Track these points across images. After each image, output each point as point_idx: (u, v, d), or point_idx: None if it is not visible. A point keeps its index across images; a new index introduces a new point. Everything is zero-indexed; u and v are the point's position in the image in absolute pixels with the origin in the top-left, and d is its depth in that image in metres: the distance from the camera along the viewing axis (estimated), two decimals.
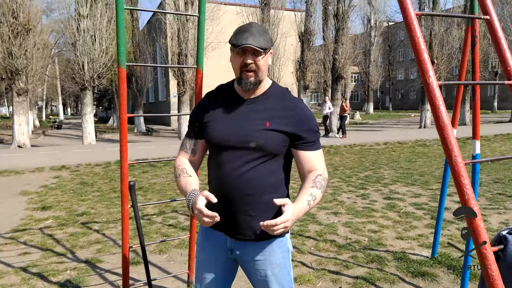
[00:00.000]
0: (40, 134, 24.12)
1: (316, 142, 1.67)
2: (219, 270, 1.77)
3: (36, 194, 7.11)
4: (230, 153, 1.62)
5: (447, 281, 3.32)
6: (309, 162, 1.65)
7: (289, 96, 1.69)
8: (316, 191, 1.59)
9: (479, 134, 2.87)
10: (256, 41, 1.54)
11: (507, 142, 13.58)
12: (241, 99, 1.68)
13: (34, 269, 3.73)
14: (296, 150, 1.65)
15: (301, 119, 1.64)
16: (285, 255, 1.73)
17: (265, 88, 1.68)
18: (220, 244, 1.73)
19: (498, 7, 25.15)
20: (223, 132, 1.64)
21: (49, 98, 54.89)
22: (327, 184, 1.66)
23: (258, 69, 1.58)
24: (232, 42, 1.57)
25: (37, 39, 16.17)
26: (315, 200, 1.58)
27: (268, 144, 1.59)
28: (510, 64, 1.61)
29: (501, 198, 5.96)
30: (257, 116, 1.63)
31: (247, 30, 1.56)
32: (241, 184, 1.60)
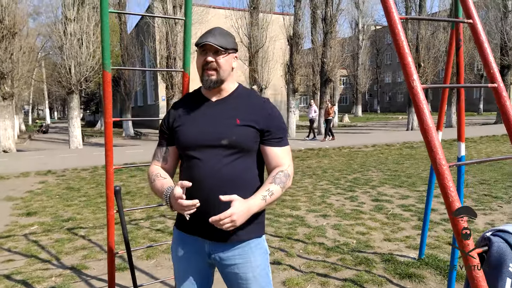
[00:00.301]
0: (26, 138, 23.77)
1: (283, 138, 1.70)
2: (198, 277, 1.76)
3: (21, 199, 7.00)
4: (203, 153, 1.64)
5: (434, 282, 3.34)
6: (275, 158, 1.68)
7: (256, 96, 1.76)
8: (274, 186, 1.61)
9: (464, 136, 2.91)
10: (216, 40, 1.61)
11: (492, 143, 13.78)
12: (208, 101, 1.72)
13: (18, 276, 3.66)
14: (263, 146, 1.69)
15: (269, 115, 1.68)
16: (263, 256, 1.74)
17: (231, 89, 1.73)
18: (197, 250, 1.72)
19: (483, 10, 25.60)
20: (194, 134, 1.66)
21: (36, 102, 54.20)
22: (290, 180, 1.68)
23: (219, 67, 1.63)
24: (195, 43, 1.65)
25: (23, 42, 15.98)
26: (272, 195, 1.60)
27: (240, 139, 1.63)
28: (493, 67, 1.63)
29: (487, 199, 6.04)
30: (227, 114, 1.67)
31: (210, 32, 1.65)
32: (217, 182, 1.61)
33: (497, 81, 1.60)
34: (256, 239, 1.72)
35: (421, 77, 19.66)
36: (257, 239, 1.73)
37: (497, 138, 15.25)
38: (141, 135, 23.87)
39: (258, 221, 1.71)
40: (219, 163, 1.62)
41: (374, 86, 54.02)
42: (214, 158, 1.62)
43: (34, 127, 34.22)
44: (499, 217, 5.13)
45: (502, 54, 21.94)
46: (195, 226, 1.68)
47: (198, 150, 1.65)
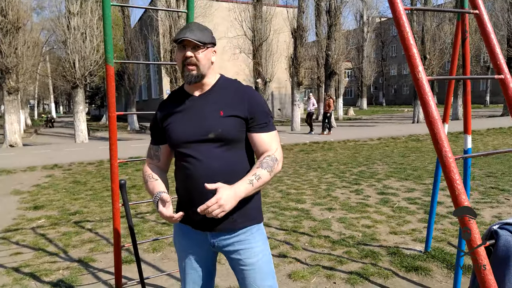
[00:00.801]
0: (32, 133, 23.92)
1: (268, 123, 1.71)
2: (203, 267, 1.80)
3: (28, 193, 7.06)
4: (193, 149, 1.66)
5: (441, 275, 3.33)
6: (262, 144, 1.69)
7: (238, 84, 1.75)
8: (261, 170, 1.62)
9: (471, 128, 2.88)
10: (194, 35, 1.60)
11: (499, 136, 13.67)
12: (193, 97, 1.73)
13: (26, 269, 3.70)
14: (249, 133, 1.70)
15: (252, 102, 1.68)
16: (265, 242, 1.78)
17: (212, 82, 1.73)
18: (200, 241, 1.76)
19: (489, 1, 25.29)
20: (181, 131, 1.68)
21: (41, 97, 54.41)
22: (279, 165, 1.68)
23: (199, 62, 1.63)
24: (173, 39, 1.64)
25: (27, 37, 16.02)
26: (260, 179, 1.60)
27: (226, 131, 1.64)
28: (499, 58, 1.61)
29: (493, 192, 6.01)
30: (211, 108, 1.68)
31: (187, 27, 1.65)
32: (209, 176, 1.62)
33: (504, 72, 1.59)
34: (256, 225, 1.75)
35: (427, 70, 19.51)
36: (257, 225, 1.76)
37: (504, 130, 15.13)
38: (146, 129, 23.94)
39: (256, 206, 1.75)
40: (209, 157, 1.64)
41: (379, 79, 53.70)
42: (205, 153, 1.65)
43: (40, 121, 34.39)
44: (506, 210, 5.10)
45: (509, 45, 21.70)
46: (193, 220, 1.72)
47: (188, 147, 1.67)
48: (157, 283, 3.36)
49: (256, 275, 1.72)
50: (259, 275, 1.72)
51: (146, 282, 3.30)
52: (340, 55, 20.31)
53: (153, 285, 3.33)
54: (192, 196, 1.68)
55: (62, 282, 3.39)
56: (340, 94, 29.66)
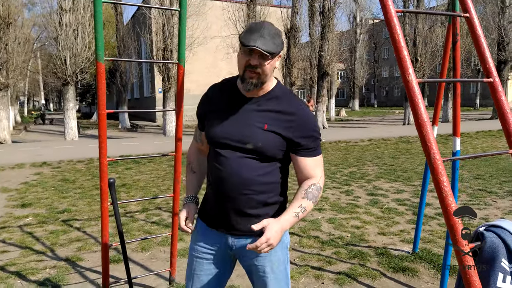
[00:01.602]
0: (21, 130, 23.65)
1: (315, 148, 1.63)
2: (217, 267, 1.76)
3: (16, 191, 6.97)
4: (227, 152, 1.61)
5: (428, 276, 3.36)
6: (306, 169, 1.63)
7: (292, 99, 1.64)
8: (306, 202, 1.58)
9: (460, 131, 2.91)
10: (265, 44, 1.48)
11: (488, 138, 13.83)
12: (243, 97, 1.64)
13: (12, 268, 3.65)
14: (294, 155, 1.63)
15: (301, 124, 1.59)
16: (283, 251, 1.74)
17: (268, 88, 1.63)
18: (219, 242, 1.72)
19: (480, 5, 25.56)
20: (221, 131, 1.63)
21: (31, 93, 53.80)
22: (321, 194, 1.66)
23: (263, 72, 1.54)
24: (241, 39, 1.52)
25: (18, 33, 15.83)
26: (305, 211, 1.58)
27: (265, 146, 1.57)
28: (489, 62, 1.63)
29: (481, 194, 6.07)
30: (257, 117, 1.60)
31: (258, 31, 1.51)
32: (238, 184, 1.59)
33: (493, 76, 1.60)
34: None
35: (418, 72, 19.66)
36: None
37: (493, 133, 15.31)
38: (137, 128, 23.80)
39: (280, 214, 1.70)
40: (242, 166, 1.59)
41: (371, 80, 54.00)
42: (238, 160, 1.60)
43: (30, 118, 34.00)
44: (494, 212, 5.15)
45: (499, 49, 21.95)
46: (217, 221, 1.69)
47: (223, 148, 1.63)
48: (145, 283, 3.33)
49: (269, 282, 1.70)
50: (272, 283, 1.70)
51: (134, 281, 3.27)
52: (333, 56, 20.37)
53: (141, 284, 3.31)
54: (217, 197, 1.65)
55: (48, 281, 3.35)
56: (332, 95, 29.79)
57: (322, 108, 19.92)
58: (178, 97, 2.71)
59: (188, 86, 27.00)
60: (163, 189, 6.88)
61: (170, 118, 17.55)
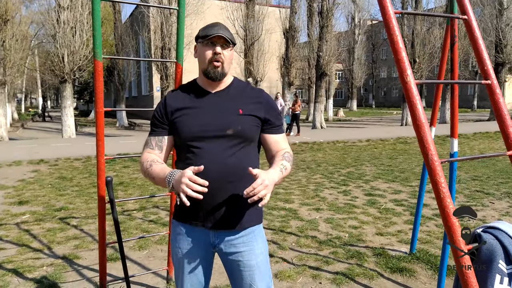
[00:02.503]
0: (19, 127, 23.57)
1: (280, 126, 1.81)
2: (202, 267, 1.76)
3: (13, 188, 6.95)
4: (207, 143, 1.64)
5: (425, 276, 3.37)
6: (276, 144, 1.77)
7: (252, 87, 1.82)
8: (285, 162, 1.68)
9: (457, 132, 2.92)
10: (225, 33, 1.65)
11: (485, 140, 13.87)
12: (207, 92, 1.74)
13: (9, 265, 3.64)
14: (264, 134, 1.76)
15: (268, 105, 1.76)
16: (264, 244, 1.78)
17: (228, 82, 1.78)
18: (201, 241, 1.72)
19: (478, 8, 25.62)
20: (198, 124, 1.66)
21: (29, 91, 53.62)
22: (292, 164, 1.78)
23: (225, 60, 1.67)
24: (202, 34, 1.67)
25: (15, 30, 15.79)
26: (286, 169, 1.67)
27: (244, 129, 1.67)
28: (487, 64, 1.63)
29: (478, 195, 6.09)
30: (228, 105, 1.70)
31: (216, 25, 1.68)
32: (224, 172, 1.61)
33: (490, 78, 1.60)
34: (258, 226, 1.76)
35: (416, 73, 19.70)
36: (259, 225, 1.77)
37: (490, 134, 15.35)
38: (135, 126, 23.75)
39: (258, 208, 1.73)
40: (223, 154, 1.63)
41: (370, 81, 54.07)
42: (219, 148, 1.64)
43: (27, 115, 33.89)
44: (491, 213, 5.17)
45: (497, 51, 22.01)
46: (199, 216, 1.67)
47: (202, 141, 1.64)
48: (142, 281, 3.33)
49: (255, 276, 1.71)
50: (258, 276, 1.71)
51: (131, 280, 3.27)
52: (331, 57, 20.38)
53: (138, 283, 3.31)
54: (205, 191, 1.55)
55: (45, 279, 3.35)
56: (331, 95, 29.78)
57: (320, 108, 19.93)
58: None
59: None
60: (160, 187, 6.87)
61: None
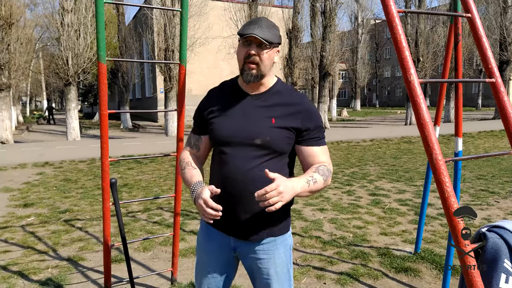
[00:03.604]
0: (24, 130, 23.70)
1: (321, 137, 1.65)
2: (221, 270, 1.75)
3: (18, 191, 6.99)
4: (235, 150, 1.60)
5: (430, 276, 3.35)
6: (314, 157, 1.62)
7: (294, 93, 1.67)
8: (317, 175, 1.55)
9: (462, 131, 2.90)
10: (262, 33, 1.52)
11: (490, 139, 13.80)
12: (245, 94, 1.66)
13: (14, 268, 3.66)
14: (300, 146, 1.63)
15: (307, 113, 1.61)
16: (287, 252, 1.73)
17: (270, 84, 1.66)
18: (223, 244, 1.71)
19: (483, 6, 25.50)
20: (228, 128, 1.61)
21: (33, 93, 53.93)
22: (330, 179, 1.63)
23: (261, 62, 1.56)
24: (239, 32, 1.56)
25: (20, 33, 15.87)
26: (316, 183, 1.53)
27: (274, 141, 1.57)
28: (491, 62, 1.62)
29: (483, 194, 6.06)
30: (263, 112, 1.60)
31: (256, 23, 1.56)
32: (246, 182, 1.57)
33: (495, 76, 1.59)
34: (281, 236, 1.69)
35: (420, 72, 19.63)
36: (283, 235, 1.70)
37: (495, 133, 15.27)
38: (139, 128, 23.82)
39: (285, 218, 1.69)
40: (248, 163, 1.58)
41: (373, 81, 53.94)
42: (245, 156, 1.58)
43: (32, 118, 34.08)
44: (496, 212, 5.14)
45: (501, 49, 21.91)
46: (221, 223, 1.65)
47: (230, 146, 1.60)
48: (146, 283, 3.34)
49: (273, 285, 1.69)
50: (276, 285, 1.69)
51: (136, 281, 3.28)
52: (335, 56, 20.36)
53: (143, 284, 3.31)
54: (225, 198, 1.58)
55: (50, 281, 3.36)
56: (334, 95, 29.76)
57: (324, 108, 19.90)
58: (179, 98, 2.71)
59: (189, 87, 27.01)
60: (164, 189, 6.88)
61: (171, 118, 17.57)
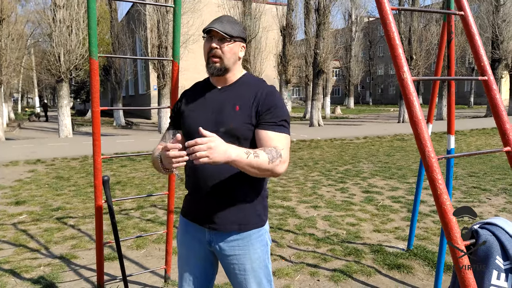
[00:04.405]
0: (15, 127, 23.48)
1: (277, 123, 1.58)
2: (200, 264, 1.77)
3: (10, 188, 6.92)
4: None
5: (422, 273, 3.38)
6: (268, 142, 1.55)
7: (261, 83, 1.71)
8: (262, 152, 1.47)
9: (454, 129, 2.92)
10: (222, 27, 1.59)
11: (482, 136, 13.91)
12: (214, 88, 1.72)
13: (6, 266, 3.63)
14: (257, 129, 1.60)
15: (266, 98, 1.61)
16: (263, 249, 1.73)
17: (237, 77, 1.71)
18: (198, 237, 1.73)
19: (475, 4, 25.65)
20: (196, 120, 1.67)
21: (25, 90, 53.42)
22: (281, 165, 1.51)
23: (224, 55, 1.61)
24: (203, 29, 1.63)
25: (11, 29, 15.73)
26: (257, 158, 1.44)
27: (236, 127, 1.60)
28: (483, 60, 1.63)
29: (475, 191, 6.10)
30: (228, 102, 1.65)
31: (218, 19, 1.65)
32: (214, 171, 1.60)
33: (487, 74, 1.60)
34: (256, 230, 1.69)
35: (413, 70, 19.72)
36: (258, 230, 1.70)
37: (487, 131, 15.39)
38: (132, 125, 23.70)
39: (258, 212, 1.70)
40: None
41: (367, 78, 54.10)
42: None
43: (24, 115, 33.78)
44: (488, 209, 5.19)
45: (494, 47, 22.07)
46: (194, 213, 1.71)
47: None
48: (140, 280, 3.33)
49: (250, 280, 1.69)
50: (253, 280, 1.69)
51: (129, 279, 3.27)
52: (328, 54, 20.39)
53: (136, 282, 3.30)
54: (194, 188, 1.67)
55: (43, 279, 3.34)
56: (328, 92, 29.81)
57: (318, 106, 19.94)
58: (172, 95, 2.69)
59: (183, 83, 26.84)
60: (158, 186, 6.86)
61: (165, 116, 17.50)
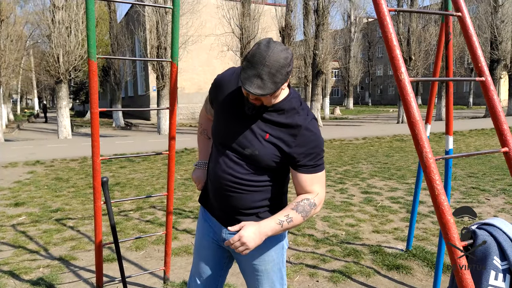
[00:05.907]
0: (14, 128, 23.46)
1: (316, 165, 1.57)
2: (213, 252, 1.79)
3: (9, 190, 6.92)
4: (225, 150, 1.63)
5: (421, 273, 3.38)
6: (304, 185, 1.59)
7: (299, 114, 1.57)
8: (294, 213, 1.53)
9: (452, 129, 2.92)
10: (261, 88, 1.39)
11: (481, 137, 13.93)
12: (251, 102, 1.58)
13: (5, 267, 3.62)
14: (292, 170, 1.62)
15: (304, 140, 1.54)
16: (278, 252, 1.73)
17: (278, 99, 1.56)
18: (217, 230, 1.76)
19: (473, 4, 25.69)
20: (225, 131, 1.63)
21: (24, 91, 53.41)
22: (317, 209, 1.60)
23: (266, 101, 1.51)
24: (240, 72, 1.43)
25: (10, 30, 15.71)
26: (291, 222, 1.52)
27: (261, 155, 1.55)
28: (481, 61, 1.63)
29: (474, 192, 6.11)
30: (260, 125, 1.57)
31: (256, 68, 1.38)
32: (231, 182, 1.61)
33: (485, 75, 1.61)
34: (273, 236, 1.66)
35: (412, 71, 19.75)
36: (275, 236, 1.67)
37: (486, 131, 15.41)
38: (132, 126, 23.69)
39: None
40: (236, 165, 1.60)
41: (366, 79, 54.17)
42: (233, 159, 1.60)
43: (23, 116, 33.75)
44: (486, 209, 5.19)
45: (492, 48, 22.11)
46: (214, 212, 1.75)
47: (222, 146, 1.64)
48: (139, 282, 3.32)
49: (263, 281, 1.71)
50: (266, 281, 1.71)
51: (128, 280, 3.27)
52: (327, 55, 20.40)
53: (135, 283, 3.30)
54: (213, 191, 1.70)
55: (42, 281, 3.33)
56: (327, 93, 29.85)
57: (317, 107, 19.95)
58: (171, 96, 2.70)
59: (182, 85, 26.92)
60: (157, 187, 6.86)
61: (164, 117, 17.50)
